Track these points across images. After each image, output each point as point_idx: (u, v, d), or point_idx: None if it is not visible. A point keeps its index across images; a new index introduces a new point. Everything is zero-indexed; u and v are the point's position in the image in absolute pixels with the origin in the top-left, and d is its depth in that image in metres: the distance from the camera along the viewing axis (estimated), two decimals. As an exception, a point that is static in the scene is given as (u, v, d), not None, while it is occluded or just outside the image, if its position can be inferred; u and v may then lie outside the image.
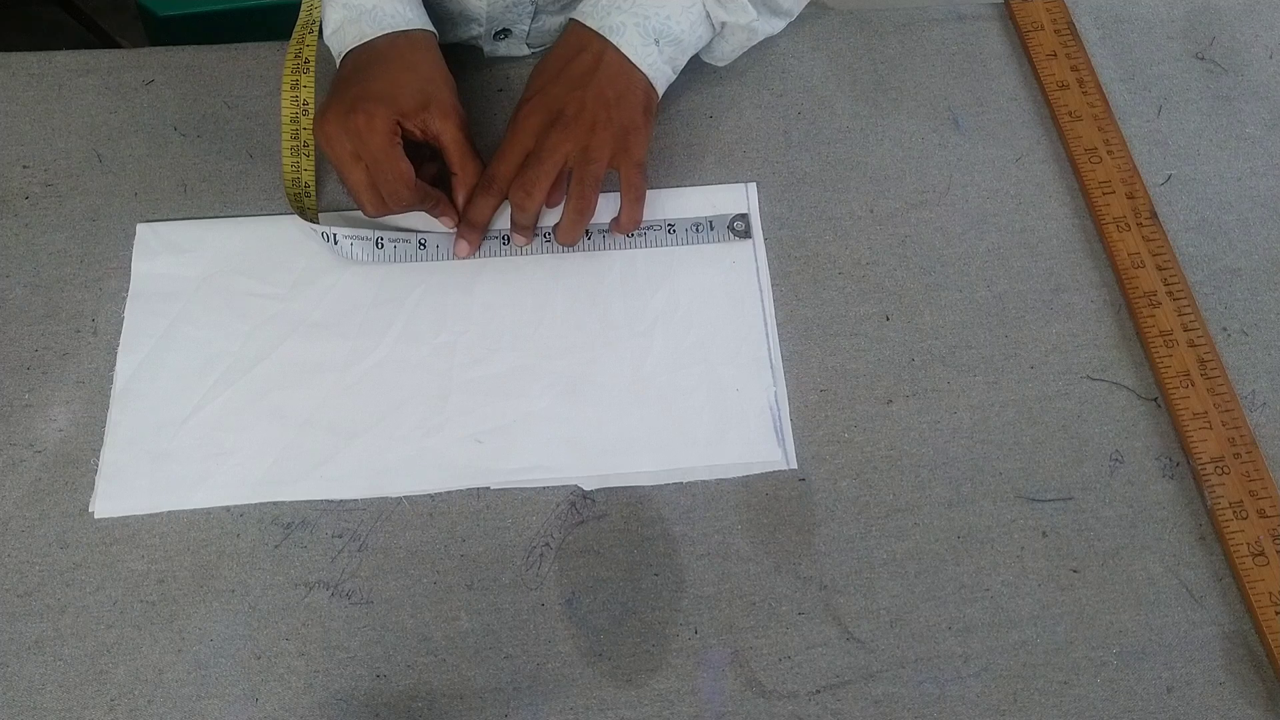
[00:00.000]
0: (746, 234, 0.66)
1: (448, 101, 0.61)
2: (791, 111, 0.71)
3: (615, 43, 0.62)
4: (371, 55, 0.61)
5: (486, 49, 0.72)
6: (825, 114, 0.71)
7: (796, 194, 0.67)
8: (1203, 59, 0.74)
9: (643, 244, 0.65)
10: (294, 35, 0.65)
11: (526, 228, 0.63)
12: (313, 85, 0.64)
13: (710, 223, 0.66)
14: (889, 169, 0.69)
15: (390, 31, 0.62)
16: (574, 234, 0.63)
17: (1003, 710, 0.53)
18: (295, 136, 0.64)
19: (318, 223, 0.64)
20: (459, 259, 0.64)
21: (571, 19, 0.65)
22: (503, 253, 0.64)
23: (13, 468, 0.57)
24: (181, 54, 0.71)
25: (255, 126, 0.68)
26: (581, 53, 0.63)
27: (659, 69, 0.64)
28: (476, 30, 0.70)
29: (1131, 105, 0.72)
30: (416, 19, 0.63)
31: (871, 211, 0.67)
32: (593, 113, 0.61)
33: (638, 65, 0.62)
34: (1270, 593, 0.55)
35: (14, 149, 0.67)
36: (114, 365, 0.60)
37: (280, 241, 0.64)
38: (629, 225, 0.64)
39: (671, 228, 0.66)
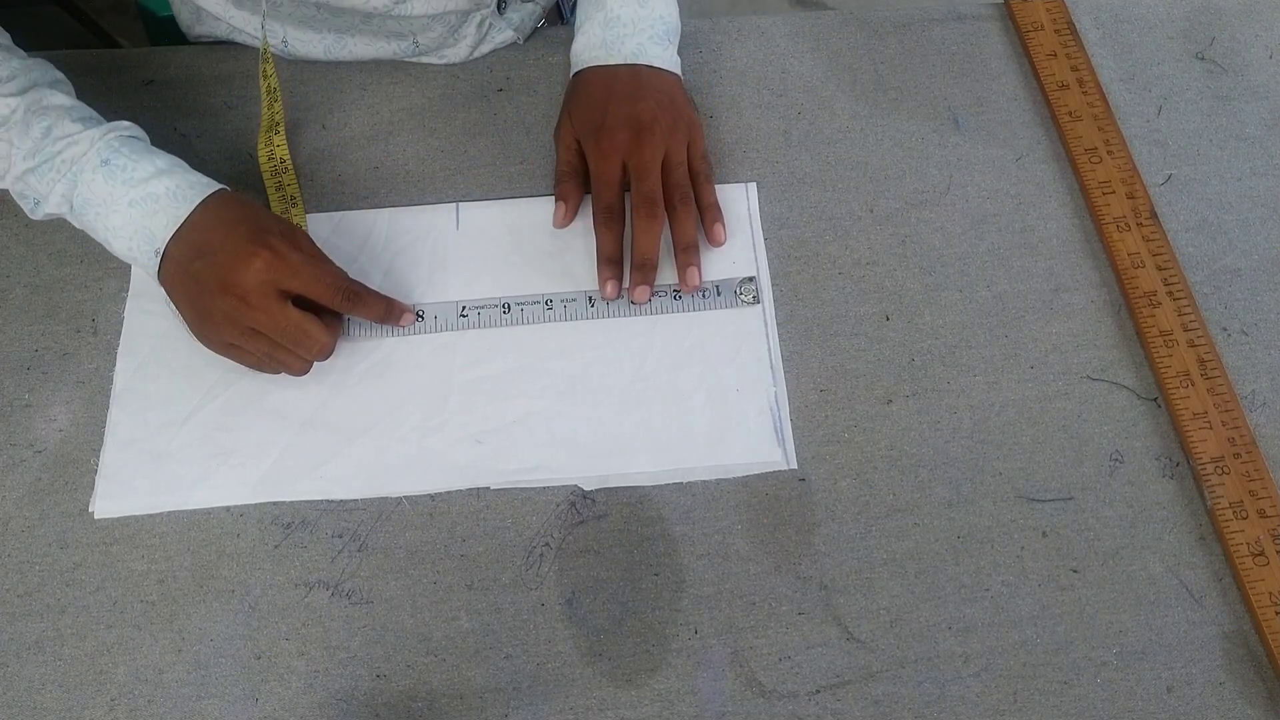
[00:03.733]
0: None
1: (293, 230, 0.58)
2: (791, 111, 0.71)
3: (643, 63, 0.65)
4: (206, 243, 0.55)
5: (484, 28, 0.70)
6: (825, 114, 0.71)
7: (796, 194, 0.67)
8: (1203, 59, 0.74)
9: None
10: (264, 103, 0.65)
11: (651, 268, 0.61)
12: (285, 143, 0.66)
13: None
14: (889, 169, 0.69)
15: (198, 204, 0.56)
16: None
17: (1003, 710, 0.53)
18: (279, 189, 0.65)
19: (303, 210, 0.64)
20: (609, 300, 0.62)
21: (585, 68, 0.66)
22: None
23: (13, 468, 0.57)
24: (181, 54, 0.72)
25: (254, 127, 0.68)
26: (614, 77, 0.65)
27: (676, 61, 0.67)
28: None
29: (1131, 105, 0.72)
30: (204, 178, 0.58)
31: (871, 211, 0.67)
32: (665, 118, 0.63)
33: (666, 69, 0.66)
34: (1270, 593, 0.55)
35: (14, 149, 0.67)
36: (114, 365, 0.60)
37: (280, 241, 0.64)
38: (713, 208, 0.64)
39: (671, 228, 0.66)
